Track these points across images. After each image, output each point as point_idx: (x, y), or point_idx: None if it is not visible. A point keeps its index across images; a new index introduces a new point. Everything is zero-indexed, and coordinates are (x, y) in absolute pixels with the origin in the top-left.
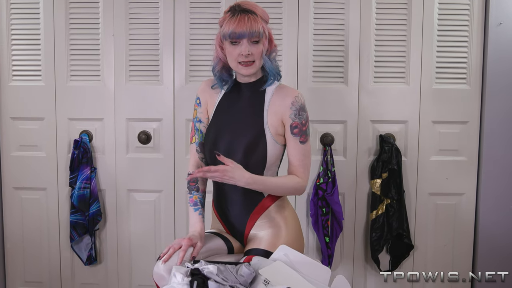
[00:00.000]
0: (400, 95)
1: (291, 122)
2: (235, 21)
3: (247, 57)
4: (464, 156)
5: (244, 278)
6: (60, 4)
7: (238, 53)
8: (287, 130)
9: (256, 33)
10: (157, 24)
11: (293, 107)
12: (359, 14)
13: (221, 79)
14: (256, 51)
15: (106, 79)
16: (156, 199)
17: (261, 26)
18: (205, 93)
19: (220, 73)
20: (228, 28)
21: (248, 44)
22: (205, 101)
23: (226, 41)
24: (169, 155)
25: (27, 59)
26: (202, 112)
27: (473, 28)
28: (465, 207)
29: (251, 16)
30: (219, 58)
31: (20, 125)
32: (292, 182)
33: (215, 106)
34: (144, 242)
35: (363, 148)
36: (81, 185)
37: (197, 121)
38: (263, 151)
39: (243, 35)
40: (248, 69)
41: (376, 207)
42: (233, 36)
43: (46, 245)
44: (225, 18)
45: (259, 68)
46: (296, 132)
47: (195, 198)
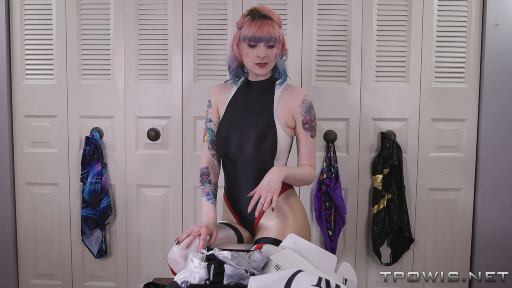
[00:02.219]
0: (401, 94)
1: (302, 119)
2: (255, 26)
3: (263, 59)
4: (463, 152)
5: (256, 263)
6: (72, 4)
7: (255, 55)
8: (299, 126)
9: (273, 39)
10: (166, 24)
11: (303, 105)
12: (361, 16)
13: (236, 76)
14: (271, 54)
15: (116, 78)
16: (165, 194)
17: (277, 31)
18: (215, 96)
19: (235, 70)
20: (248, 32)
21: (265, 48)
22: (216, 102)
23: (244, 43)
24: (177, 152)
25: (39, 58)
26: (212, 112)
27: (471, 29)
28: (463, 202)
29: (269, 22)
30: (235, 57)
31: (32, 123)
32: (308, 171)
33: (226, 103)
34: (152, 236)
35: (365, 144)
36: (92, 180)
37: (208, 121)
38: (274, 139)
39: (262, 40)
40: (262, 70)
41: (377, 201)
42: (253, 39)
43: (58, 239)
44: (244, 22)
45: (270, 69)
46: (307, 128)
47: (208, 189)
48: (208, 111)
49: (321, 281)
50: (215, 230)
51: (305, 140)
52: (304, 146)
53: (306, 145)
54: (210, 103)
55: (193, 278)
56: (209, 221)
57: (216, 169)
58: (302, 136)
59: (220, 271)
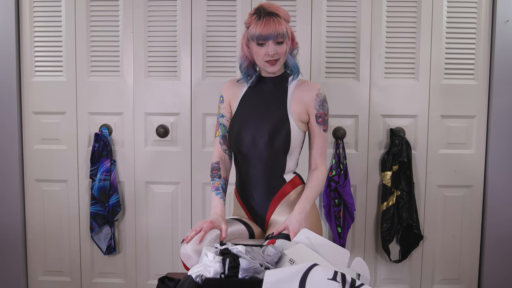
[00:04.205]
0: (410, 90)
1: (315, 112)
2: (261, 24)
3: (273, 56)
4: (472, 149)
5: (270, 258)
6: (81, 1)
7: (264, 53)
8: (312, 120)
9: (280, 35)
10: (175, 21)
11: (317, 99)
12: (370, 12)
13: (247, 75)
14: (281, 51)
15: (126, 74)
16: (174, 191)
17: (284, 27)
18: (228, 91)
19: (246, 69)
20: (255, 31)
21: (274, 45)
22: (228, 98)
23: (253, 42)
24: (186, 148)
25: (49, 55)
26: (224, 107)
27: (481, 26)
28: (472, 199)
29: (276, 19)
30: (245, 56)
31: (42, 119)
32: (321, 178)
33: (239, 98)
34: (161, 233)
35: (374, 141)
36: (102, 177)
37: (220, 116)
38: (287, 134)
39: (269, 37)
40: (273, 67)
41: (386, 198)
42: (260, 38)
43: (67, 236)
44: (251, 21)
45: (282, 64)
46: (320, 122)
47: (217, 184)
48: (220, 106)
49: (337, 274)
50: (224, 223)
51: (318, 134)
52: (317, 140)
53: (319, 139)
54: (222, 98)
55: (208, 272)
56: (215, 216)
57: (227, 164)
58: (315, 130)
59: (235, 265)
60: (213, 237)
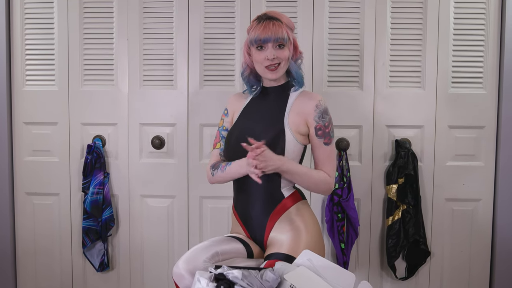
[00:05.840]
0: (416, 100)
1: (315, 125)
2: (260, 27)
3: (272, 61)
4: (481, 161)
5: (269, 284)
6: (74, 8)
7: (264, 57)
8: (312, 133)
9: (280, 38)
10: (171, 28)
11: (317, 110)
12: (374, 18)
13: (249, 84)
14: (282, 55)
15: (120, 83)
16: (170, 205)
17: (285, 31)
18: (233, 105)
19: (248, 78)
20: (254, 34)
21: (273, 49)
22: (232, 111)
23: (253, 47)
24: (183, 161)
25: (40, 63)
26: (228, 121)
27: (489, 32)
28: (482, 213)
29: (276, 23)
30: (246, 64)
31: (33, 130)
32: (321, 176)
33: (240, 111)
34: (157, 249)
35: (378, 153)
36: (94, 190)
37: (223, 130)
38: (282, 146)
39: (268, 40)
40: (274, 74)
41: (392, 213)
42: (259, 41)
43: (58, 251)
44: (252, 26)
45: (284, 71)
46: (320, 134)
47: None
48: (224, 119)
49: None
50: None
51: (318, 147)
52: (318, 154)
53: (320, 152)
54: (226, 111)
55: None
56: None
57: None
58: (315, 143)
59: None
60: (208, 257)
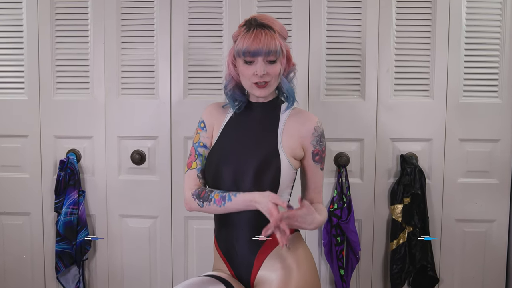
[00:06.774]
0: (424, 111)
1: (312, 149)
2: (250, 37)
3: (262, 78)
4: (495, 178)
5: None
6: (45, 10)
7: (252, 72)
8: (308, 157)
9: (272, 52)
10: (152, 30)
11: (315, 133)
12: (378, 21)
13: (233, 99)
14: (272, 71)
15: (96, 92)
16: (151, 226)
17: (278, 43)
18: (211, 117)
19: (232, 92)
20: (242, 45)
21: (264, 63)
22: (211, 124)
23: (240, 59)
24: (166, 177)
25: (8, 70)
26: (207, 137)
27: (505, 37)
28: (496, 235)
29: (268, 32)
30: (231, 76)
31: (1, 143)
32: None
33: (221, 127)
34: (138, 274)
35: (382, 169)
36: (68, 210)
37: (200, 146)
38: (277, 172)
39: (259, 53)
40: (262, 91)
41: (397, 236)
42: (247, 54)
43: (30, 276)
44: (239, 33)
45: (274, 88)
46: (317, 160)
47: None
48: (200, 134)
49: None
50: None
51: (315, 173)
52: (313, 180)
53: (315, 178)
54: (203, 124)
55: None
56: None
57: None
58: (311, 169)
59: None
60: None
